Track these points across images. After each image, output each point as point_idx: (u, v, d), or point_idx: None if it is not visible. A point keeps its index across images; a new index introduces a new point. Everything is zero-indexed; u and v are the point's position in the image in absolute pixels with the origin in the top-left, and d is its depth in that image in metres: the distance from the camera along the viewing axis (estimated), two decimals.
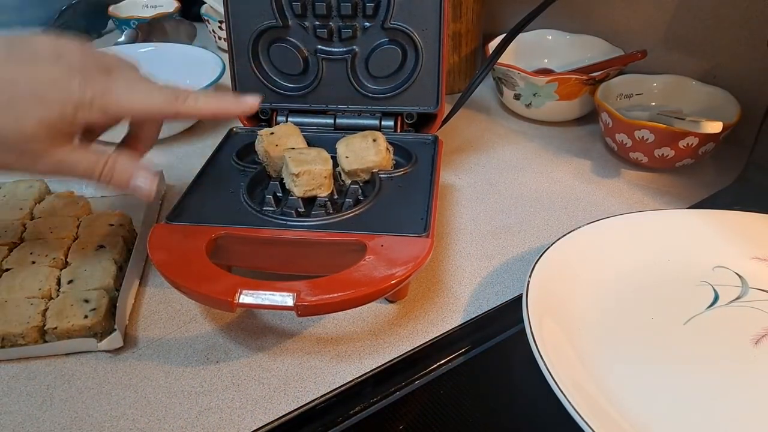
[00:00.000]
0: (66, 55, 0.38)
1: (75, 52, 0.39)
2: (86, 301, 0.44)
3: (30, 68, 0.37)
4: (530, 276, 0.42)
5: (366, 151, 0.49)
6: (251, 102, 0.43)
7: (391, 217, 0.45)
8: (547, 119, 0.73)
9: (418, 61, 0.54)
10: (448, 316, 0.46)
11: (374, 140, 0.50)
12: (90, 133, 0.42)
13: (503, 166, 0.65)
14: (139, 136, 0.44)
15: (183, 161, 0.66)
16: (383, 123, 0.56)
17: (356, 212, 0.45)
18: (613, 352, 0.40)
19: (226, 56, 0.59)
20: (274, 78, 0.57)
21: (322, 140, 0.53)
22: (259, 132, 0.51)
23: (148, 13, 0.95)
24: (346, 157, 0.49)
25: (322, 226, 0.44)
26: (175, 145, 0.69)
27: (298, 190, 0.46)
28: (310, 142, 0.52)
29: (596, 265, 0.46)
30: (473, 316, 0.46)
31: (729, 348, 0.40)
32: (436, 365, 0.42)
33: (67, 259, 0.48)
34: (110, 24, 1.01)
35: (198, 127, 0.72)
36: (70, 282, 0.45)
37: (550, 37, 0.79)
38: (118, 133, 0.44)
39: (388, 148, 0.51)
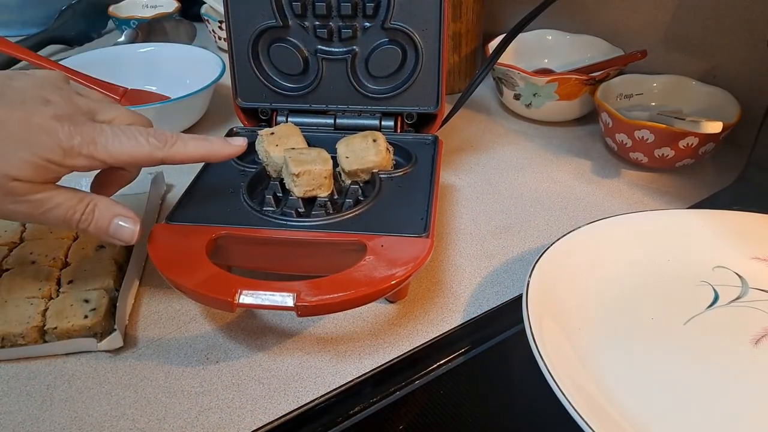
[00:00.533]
0: (52, 101, 0.38)
1: (60, 97, 0.39)
2: (86, 301, 0.44)
3: (18, 111, 0.36)
4: (530, 276, 0.42)
5: (366, 152, 0.49)
6: (239, 144, 0.44)
7: (391, 217, 0.45)
8: (547, 119, 0.73)
9: (418, 61, 0.54)
10: (448, 316, 0.46)
11: (374, 140, 0.50)
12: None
13: (503, 166, 0.65)
14: (117, 177, 0.43)
15: None
16: (383, 123, 0.56)
17: (356, 212, 0.45)
18: (613, 353, 0.40)
19: (226, 56, 0.59)
20: (274, 78, 0.57)
21: (322, 140, 0.53)
22: (259, 132, 0.51)
23: (148, 13, 0.95)
24: (346, 157, 0.49)
25: (322, 226, 0.44)
26: None
27: (298, 190, 0.46)
28: (310, 142, 0.52)
29: (596, 265, 0.46)
30: (473, 316, 0.46)
31: (729, 348, 0.40)
32: (436, 365, 0.42)
33: (67, 259, 0.48)
34: (110, 24, 1.01)
35: (198, 127, 0.72)
36: (70, 282, 0.45)
37: (550, 37, 0.79)
38: None
39: (388, 149, 0.51)
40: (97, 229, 0.39)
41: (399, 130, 0.57)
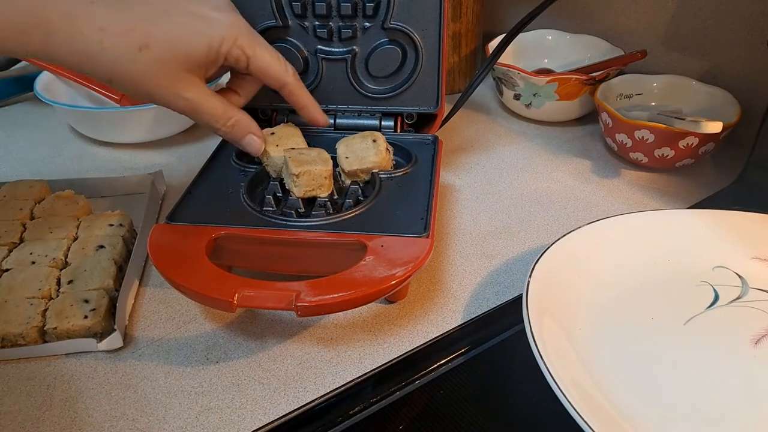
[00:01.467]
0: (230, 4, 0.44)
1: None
2: (86, 301, 0.44)
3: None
4: (530, 276, 0.42)
5: (366, 152, 0.49)
6: (325, 120, 0.50)
7: (391, 217, 0.45)
8: (547, 119, 0.73)
9: (418, 61, 0.54)
10: (448, 316, 0.46)
11: (374, 141, 0.50)
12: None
13: (503, 166, 0.65)
14: (238, 92, 0.48)
15: (183, 161, 0.66)
16: (383, 123, 0.56)
17: (356, 212, 0.45)
18: (613, 353, 0.40)
19: None
20: None
21: (322, 140, 0.53)
22: None
23: None
24: (346, 157, 0.49)
25: (322, 226, 0.44)
26: (175, 145, 0.69)
27: (298, 190, 0.46)
28: (311, 142, 0.52)
29: (596, 265, 0.46)
30: (473, 316, 0.46)
31: (729, 348, 0.40)
32: (436, 365, 0.42)
33: (67, 259, 0.48)
34: None
35: (198, 127, 0.72)
36: (70, 282, 0.45)
37: (550, 37, 0.79)
38: None
39: (388, 149, 0.51)
40: (233, 139, 0.46)
41: (399, 130, 0.57)
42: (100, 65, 0.38)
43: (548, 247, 0.45)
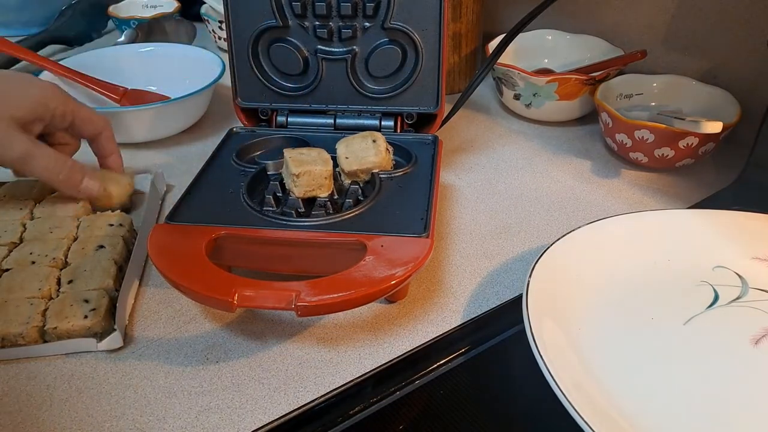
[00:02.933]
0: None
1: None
2: (86, 301, 0.44)
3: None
4: (530, 276, 0.42)
5: (366, 152, 0.49)
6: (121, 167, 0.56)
7: (391, 217, 0.45)
8: (547, 119, 0.73)
9: (418, 61, 0.54)
10: (448, 316, 0.46)
11: (374, 141, 0.50)
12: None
13: (503, 166, 0.65)
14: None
15: (183, 161, 0.66)
16: (383, 123, 0.56)
17: (356, 212, 0.45)
18: (613, 353, 0.40)
19: (226, 56, 0.59)
20: (274, 78, 0.57)
21: (322, 140, 0.53)
22: None
23: (148, 13, 0.95)
24: (346, 157, 0.49)
25: (322, 226, 0.44)
26: (175, 145, 0.69)
27: (298, 190, 0.46)
28: (310, 142, 0.52)
29: (596, 265, 0.46)
30: (473, 316, 0.46)
31: (729, 348, 0.40)
32: (436, 365, 0.42)
33: (67, 259, 0.48)
34: (110, 24, 1.01)
35: (198, 127, 0.72)
36: (70, 282, 0.45)
37: (550, 37, 0.79)
38: None
39: (387, 149, 0.51)
40: (71, 181, 0.50)
41: (399, 130, 0.57)
42: None
43: (548, 247, 0.45)
